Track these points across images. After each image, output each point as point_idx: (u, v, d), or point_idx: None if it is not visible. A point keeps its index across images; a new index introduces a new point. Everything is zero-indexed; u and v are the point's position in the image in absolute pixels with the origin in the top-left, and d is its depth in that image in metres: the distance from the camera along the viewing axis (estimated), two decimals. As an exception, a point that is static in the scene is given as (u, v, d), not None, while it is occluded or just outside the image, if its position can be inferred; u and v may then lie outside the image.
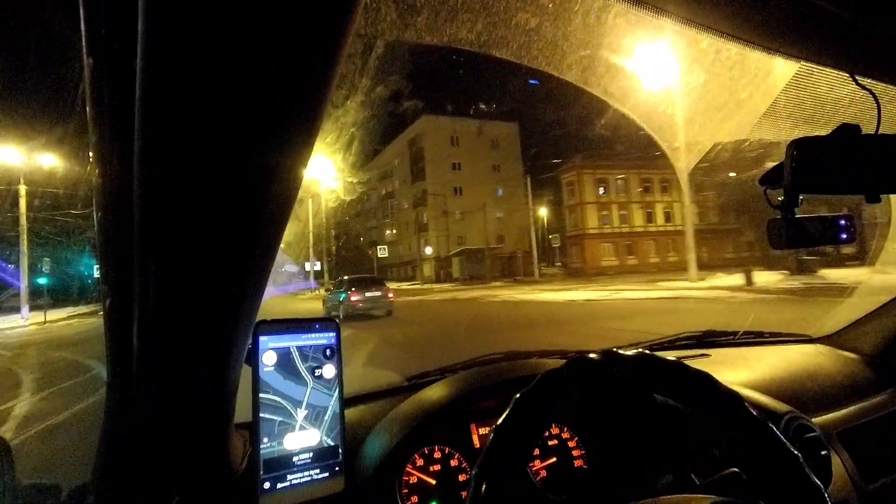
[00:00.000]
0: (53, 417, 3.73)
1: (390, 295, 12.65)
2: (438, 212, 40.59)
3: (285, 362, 0.69)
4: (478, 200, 39.32)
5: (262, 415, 0.66)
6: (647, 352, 0.61)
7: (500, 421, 0.55)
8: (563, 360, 0.59)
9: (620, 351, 0.61)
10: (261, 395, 0.66)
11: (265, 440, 0.66)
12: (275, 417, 0.67)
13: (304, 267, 33.26)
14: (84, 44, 0.39)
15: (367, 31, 0.77)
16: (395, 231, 48.64)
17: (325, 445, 0.70)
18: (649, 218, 37.34)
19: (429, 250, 38.49)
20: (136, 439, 0.59)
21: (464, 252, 37.19)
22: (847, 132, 0.72)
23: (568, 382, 0.57)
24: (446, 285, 32.24)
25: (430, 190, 41.42)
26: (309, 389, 0.70)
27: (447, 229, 40.60)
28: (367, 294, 12.34)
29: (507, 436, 0.54)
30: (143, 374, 0.55)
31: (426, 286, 32.96)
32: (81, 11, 0.39)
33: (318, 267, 32.66)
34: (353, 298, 12.15)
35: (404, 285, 34.94)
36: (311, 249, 30.03)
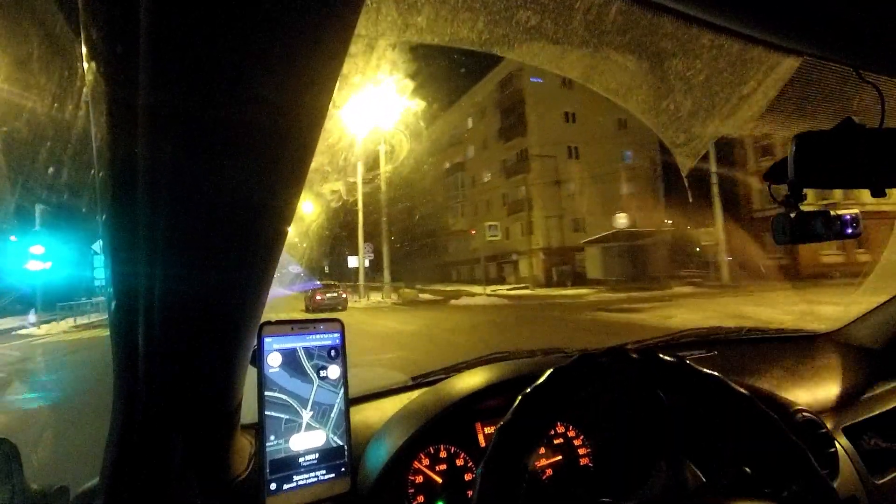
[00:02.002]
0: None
1: (344, 295, 17.84)
2: (547, 181, 27.27)
3: (291, 362, 0.69)
4: (601, 167, 26.43)
5: (268, 413, 0.66)
6: (658, 352, 0.61)
7: (507, 416, 0.54)
8: (568, 359, 0.59)
9: (628, 349, 0.61)
10: (267, 392, 0.67)
11: (271, 437, 0.66)
12: (281, 415, 0.67)
13: (347, 263, 24.83)
14: (84, 48, 0.39)
15: (367, 31, 0.77)
16: (462, 216, 34.62)
17: (331, 445, 0.71)
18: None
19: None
20: (142, 441, 0.60)
21: (615, 238, 23.12)
22: (851, 127, 0.71)
23: (576, 379, 0.57)
24: (584, 290, 20.71)
25: (533, 150, 28.11)
26: (315, 388, 0.70)
27: (560, 207, 27.21)
28: (328, 295, 17.29)
29: (515, 432, 0.53)
30: (148, 376, 0.56)
31: (544, 291, 22.41)
32: (81, 15, 0.39)
33: (368, 263, 23.21)
34: (317, 298, 16.93)
35: (501, 289, 23.89)
36: (360, 241, 22.27)
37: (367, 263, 23.31)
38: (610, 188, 27.08)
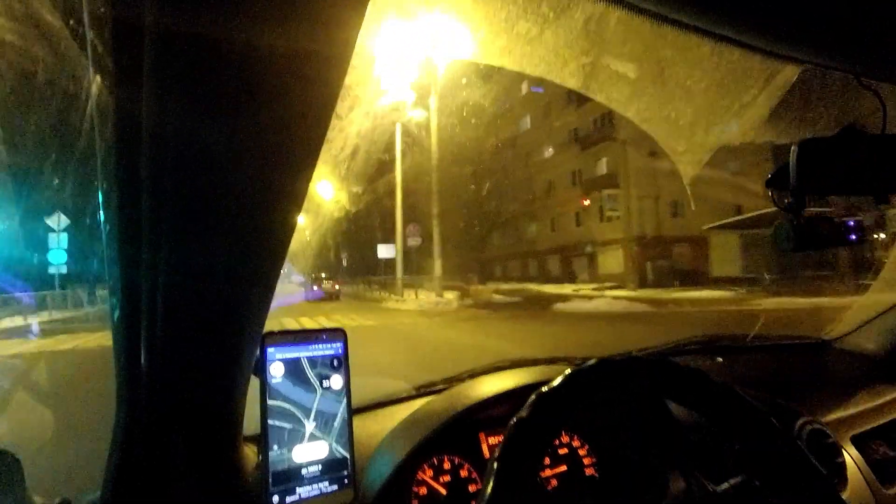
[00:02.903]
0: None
1: (337, 286, 20.53)
2: (638, 153, 20.28)
3: (294, 372, 0.69)
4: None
5: (271, 422, 0.66)
6: (673, 361, 0.61)
7: (521, 412, 0.54)
8: (571, 367, 0.59)
9: (641, 357, 0.61)
10: (270, 402, 0.66)
11: (274, 447, 0.66)
12: (284, 425, 0.67)
13: (373, 254, 20.99)
14: (90, 61, 0.40)
15: (368, 44, 0.78)
16: (514, 200, 27.46)
17: (335, 456, 0.70)
18: None
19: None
20: (145, 451, 0.59)
21: (764, 221, 13.57)
22: (852, 133, 0.71)
23: (591, 382, 0.57)
24: (719, 292, 14.78)
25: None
26: (318, 397, 0.70)
27: (655, 186, 20.46)
28: (324, 285, 20.20)
29: (529, 428, 0.53)
30: (150, 386, 0.56)
31: (653, 293, 16.26)
32: (86, 21, 0.39)
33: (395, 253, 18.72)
34: (314, 287, 20.08)
35: (586, 289, 18.19)
36: (398, 222, 17.32)
37: (392, 254, 19.16)
38: (717, 162, 18.35)
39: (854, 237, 0.79)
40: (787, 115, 0.96)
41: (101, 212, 0.47)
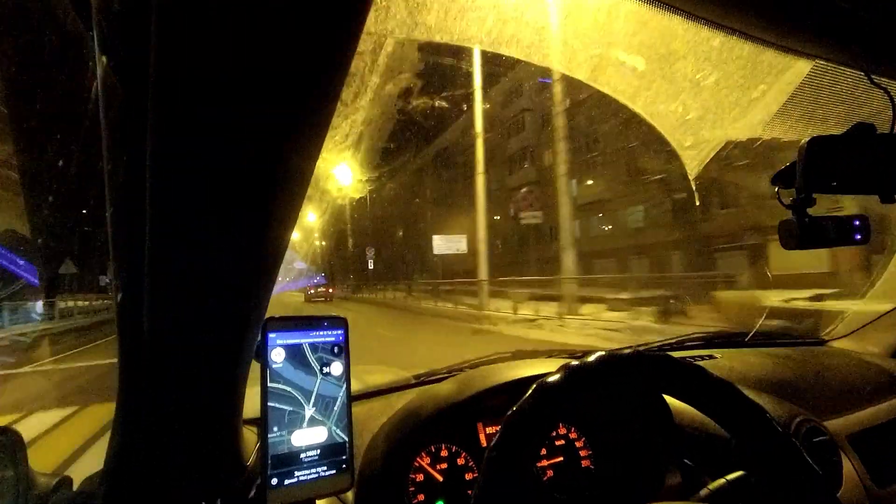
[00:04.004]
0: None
1: (331, 290, 24.83)
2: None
3: (294, 357, 0.70)
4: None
5: (271, 404, 0.66)
6: (671, 356, 0.60)
7: (520, 404, 0.54)
8: (572, 360, 0.59)
9: (641, 352, 0.61)
10: (270, 384, 0.67)
11: (274, 429, 0.66)
12: (284, 407, 0.67)
13: (414, 253, 17.26)
14: (96, 42, 0.40)
15: (376, 28, 0.77)
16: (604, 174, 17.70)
17: (334, 441, 0.71)
18: None
19: None
20: (146, 432, 0.60)
21: None
22: (861, 131, 0.71)
23: (591, 376, 0.57)
24: None
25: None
26: (318, 382, 0.71)
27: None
28: (319, 290, 24.20)
29: (527, 419, 0.53)
30: (153, 369, 0.56)
31: None
32: (93, 8, 0.39)
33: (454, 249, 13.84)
34: (310, 292, 23.91)
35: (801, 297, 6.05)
36: (479, 197, 12.02)
37: (456, 248, 13.39)
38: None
39: (859, 236, 0.79)
40: (795, 111, 0.95)
41: (106, 196, 0.47)
